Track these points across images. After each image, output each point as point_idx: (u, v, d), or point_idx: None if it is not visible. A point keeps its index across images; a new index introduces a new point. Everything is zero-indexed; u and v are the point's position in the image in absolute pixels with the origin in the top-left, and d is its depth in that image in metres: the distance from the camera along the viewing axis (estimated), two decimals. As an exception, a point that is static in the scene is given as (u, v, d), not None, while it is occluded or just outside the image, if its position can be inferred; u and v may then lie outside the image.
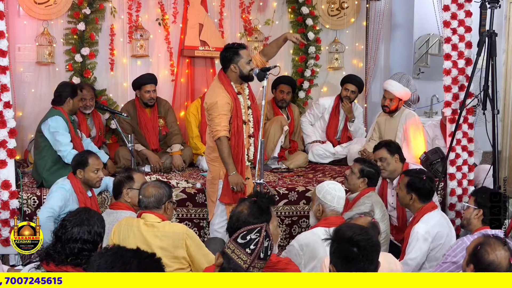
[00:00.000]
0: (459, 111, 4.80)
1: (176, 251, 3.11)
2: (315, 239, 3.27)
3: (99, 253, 2.13)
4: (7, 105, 4.18)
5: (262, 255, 2.27)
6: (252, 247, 2.24)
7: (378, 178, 4.19)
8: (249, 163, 4.31)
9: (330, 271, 2.38)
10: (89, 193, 4.10)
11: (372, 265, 2.30)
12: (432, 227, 3.69)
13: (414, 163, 5.26)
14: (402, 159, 4.51)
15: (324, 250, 3.14)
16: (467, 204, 3.56)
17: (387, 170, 4.41)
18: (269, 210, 2.78)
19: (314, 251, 3.25)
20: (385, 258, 3.01)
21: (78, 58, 5.69)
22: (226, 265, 2.27)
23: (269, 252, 2.31)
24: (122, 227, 3.20)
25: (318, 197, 3.52)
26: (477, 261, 2.62)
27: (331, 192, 3.49)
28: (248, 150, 4.25)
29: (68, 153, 4.53)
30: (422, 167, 4.62)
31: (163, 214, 3.26)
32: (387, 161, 4.41)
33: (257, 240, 2.25)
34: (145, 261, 2.09)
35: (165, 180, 4.86)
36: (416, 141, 5.41)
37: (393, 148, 4.48)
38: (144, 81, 5.52)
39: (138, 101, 5.61)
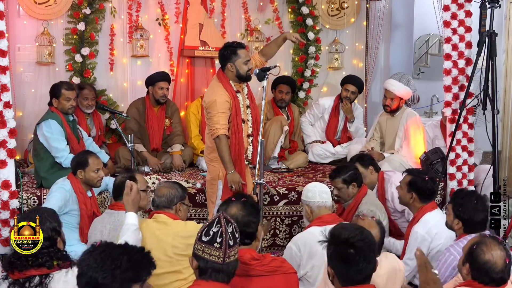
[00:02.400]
0: (459, 111, 4.80)
1: (188, 250, 3.07)
2: (311, 238, 3.30)
3: (87, 251, 2.13)
4: (7, 105, 4.17)
5: (231, 243, 2.26)
6: (218, 240, 2.24)
7: (360, 175, 4.17)
8: (247, 163, 4.31)
9: (328, 273, 2.37)
10: (89, 193, 4.10)
11: (370, 265, 2.30)
12: (431, 227, 3.69)
13: (414, 163, 5.30)
14: (377, 169, 4.53)
15: (320, 247, 3.17)
16: (445, 212, 3.51)
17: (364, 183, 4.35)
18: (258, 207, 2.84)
19: (312, 250, 3.28)
20: (387, 257, 3.01)
21: (78, 58, 5.69)
22: (203, 265, 2.27)
23: (236, 235, 2.31)
24: None
25: (303, 200, 3.60)
26: (473, 260, 2.63)
27: (311, 189, 3.55)
28: (247, 150, 4.25)
29: (65, 158, 4.51)
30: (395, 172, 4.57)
31: (175, 215, 3.26)
32: (363, 175, 4.35)
33: (220, 231, 2.25)
34: (135, 257, 2.10)
35: (165, 180, 4.86)
36: (416, 140, 5.41)
37: (366, 161, 4.49)
38: (158, 78, 5.57)
39: (148, 99, 5.63)
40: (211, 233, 2.25)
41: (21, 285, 2.63)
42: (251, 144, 4.26)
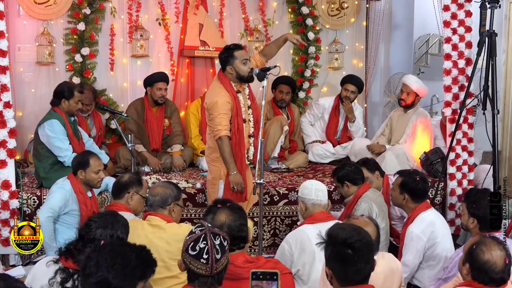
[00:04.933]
0: (459, 111, 4.81)
1: None
2: (302, 235, 3.38)
3: (93, 250, 2.12)
4: (7, 105, 4.18)
5: (218, 256, 2.23)
6: (205, 256, 2.21)
7: (357, 173, 4.17)
8: (248, 163, 4.31)
9: (327, 274, 2.37)
10: (89, 194, 4.09)
11: (368, 265, 2.29)
12: (426, 226, 3.71)
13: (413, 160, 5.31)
14: (382, 174, 4.55)
15: (311, 244, 3.27)
16: (460, 212, 3.54)
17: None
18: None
19: (302, 246, 3.34)
20: (384, 257, 3.01)
21: (78, 58, 5.69)
22: (191, 274, 2.26)
23: (225, 243, 2.28)
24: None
25: (299, 196, 3.65)
26: (473, 260, 2.64)
27: (307, 186, 3.59)
28: (248, 150, 4.25)
29: (68, 158, 4.48)
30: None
31: (168, 216, 3.24)
32: (370, 180, 4.38)
33: (206, 248, 2.22)
34: (141, 254, 2.13)
35: (165, 180, 4.86)
36: (422, 139, 5.42)
37: (372, 165, 4.51)
38: (157, 79, 5.57)
39: (147, 100, 5.62)
40: (197, 248, 2.22)
41: (69, 275, 2.61)
42: (252, 144, 4.26)
